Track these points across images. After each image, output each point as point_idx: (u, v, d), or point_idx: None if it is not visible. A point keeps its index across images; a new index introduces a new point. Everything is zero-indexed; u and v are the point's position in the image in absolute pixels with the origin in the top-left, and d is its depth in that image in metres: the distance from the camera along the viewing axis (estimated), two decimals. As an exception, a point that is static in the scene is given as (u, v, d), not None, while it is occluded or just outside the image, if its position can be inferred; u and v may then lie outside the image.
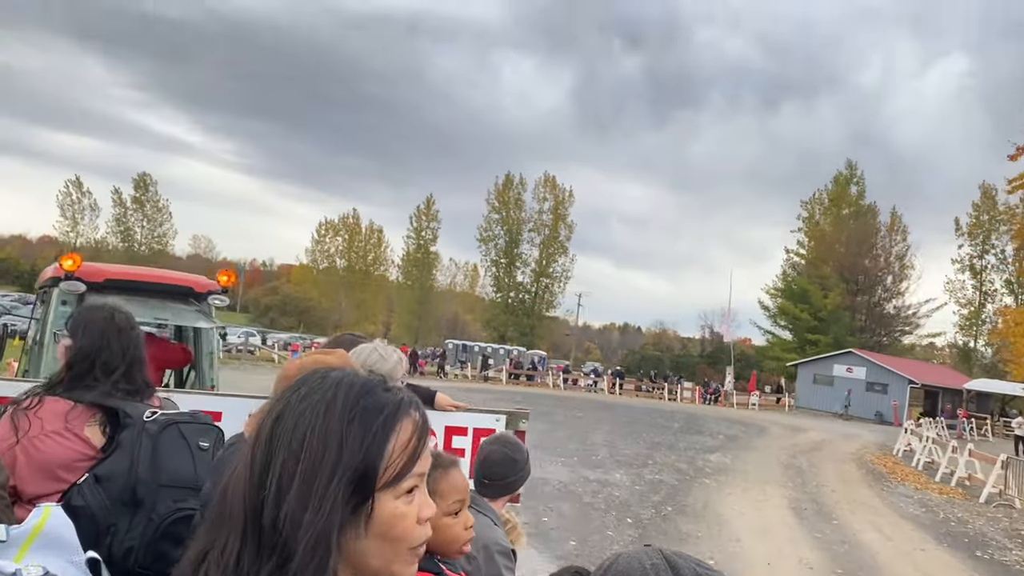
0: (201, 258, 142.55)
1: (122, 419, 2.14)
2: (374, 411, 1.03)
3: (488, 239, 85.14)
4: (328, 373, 1.09)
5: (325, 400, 1.02)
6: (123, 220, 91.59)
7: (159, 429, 2.10)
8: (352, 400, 1.03)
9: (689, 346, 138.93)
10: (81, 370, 2.24)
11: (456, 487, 2.05)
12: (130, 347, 2.30)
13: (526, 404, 30.93)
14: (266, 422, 1.05)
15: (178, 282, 6.36)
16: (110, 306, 2.41)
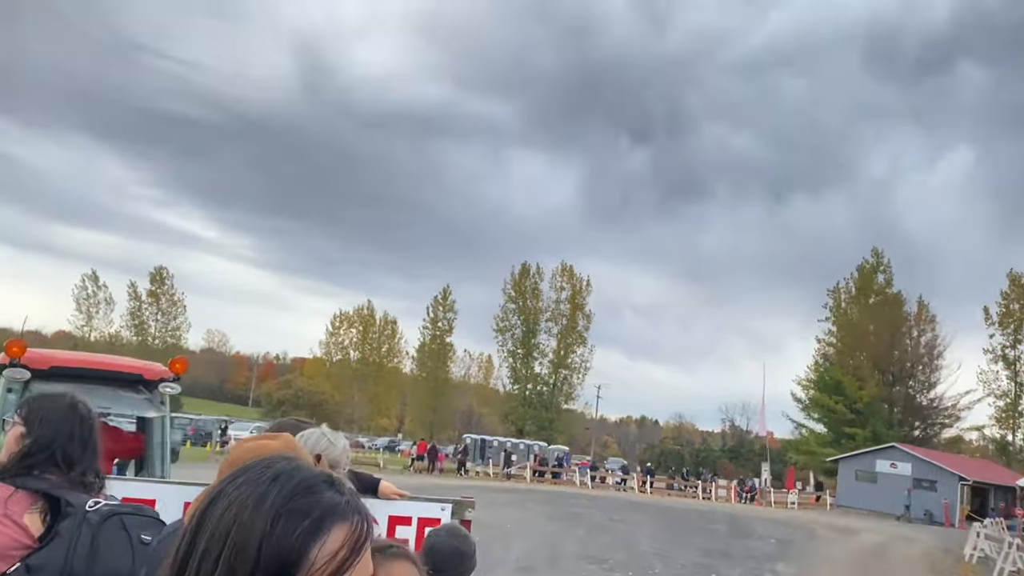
0: (215, 352, 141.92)
1: (63, 508, 2.07)
2: (302, 513, 0.95)
3: (504, 329, 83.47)
4: (273, 463, 1.01)
5: (258, 493, 0.96)
6: (137, 314, 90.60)
7: (100, 520, 2.01)
8: (284, 497, 0.96)
9: (709, 440, 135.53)
10: (37, 461, 2.15)
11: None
12: (91, 438, 2.24)
13: (556, 505, 28.61)
14: (200, 507, 1.00)
15: (127, 369, 6.15)
16: (70, 395, 2.36)
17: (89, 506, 2.05)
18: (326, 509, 0.95)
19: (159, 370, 6.21)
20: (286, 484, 0.96)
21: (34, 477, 2.14)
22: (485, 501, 25.78)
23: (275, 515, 0.93)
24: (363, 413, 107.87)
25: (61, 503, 2.08)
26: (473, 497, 4.98)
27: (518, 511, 24.21)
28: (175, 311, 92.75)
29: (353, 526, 0.97)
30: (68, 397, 2.32)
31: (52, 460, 2.16)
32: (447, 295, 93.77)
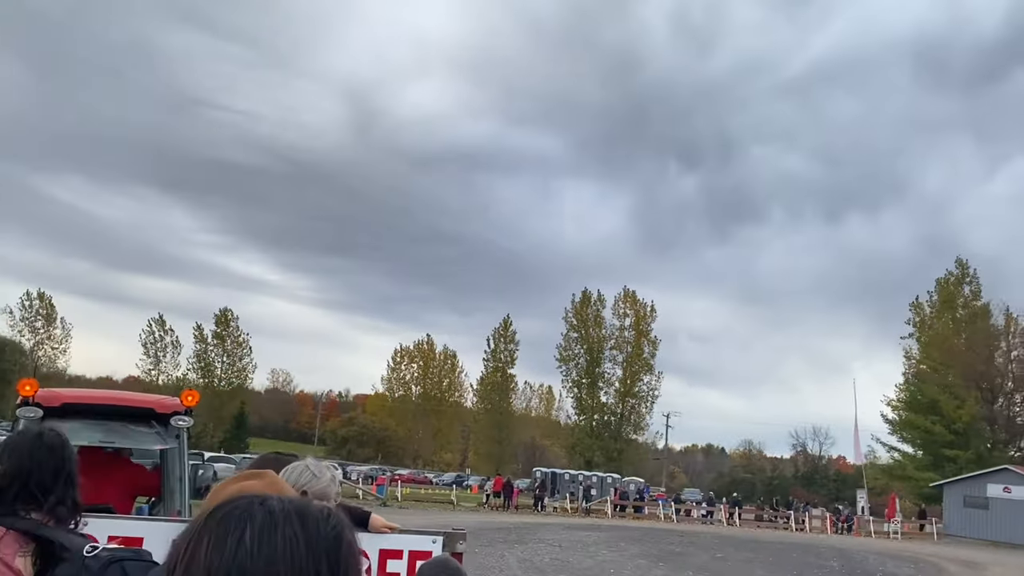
0: (279, 391, 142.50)
1: (59, 552, 2.04)
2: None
3: (568, 359, 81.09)
4: (252, 502, 0.98)
5: (237, 532, 0.94)
6: (204, 356, 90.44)
7: (101, 567, 1.92)
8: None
9: (780, 466, 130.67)
10: (11, 493, 2.14)
11: None
12: (64, 466, 2.21)
13: (650, 543, 26.19)
14: (179, 544, 0.97)
15: (138, 404, 6.24)
16: (40, 427, 2.38)
17: (87, 551, 1.95)
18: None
19: (171, 403, 6.15)
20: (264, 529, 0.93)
21: (19, 517, 2.11)
22: (573, 542, 23.49)
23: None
24: (427, 448, 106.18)
25: (56, 547, 2.03)
26: (464, 531, 4.83)
27: (613, 553, 21.96)
28: (240, 352, 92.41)
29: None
30: (36, 428, 2.33)
31: (27, 492, 2.13)
32: (507, 326, 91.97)
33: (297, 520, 0.94)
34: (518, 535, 24.84)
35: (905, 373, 60.82)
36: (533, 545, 22.07)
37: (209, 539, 0.92)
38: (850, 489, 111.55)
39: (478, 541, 22.04)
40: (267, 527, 0.92)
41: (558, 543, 23.24)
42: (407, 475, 60.43)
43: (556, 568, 17.57)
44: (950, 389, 51.32)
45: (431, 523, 27.78)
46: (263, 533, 0.92)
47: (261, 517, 0.93)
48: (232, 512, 0.95)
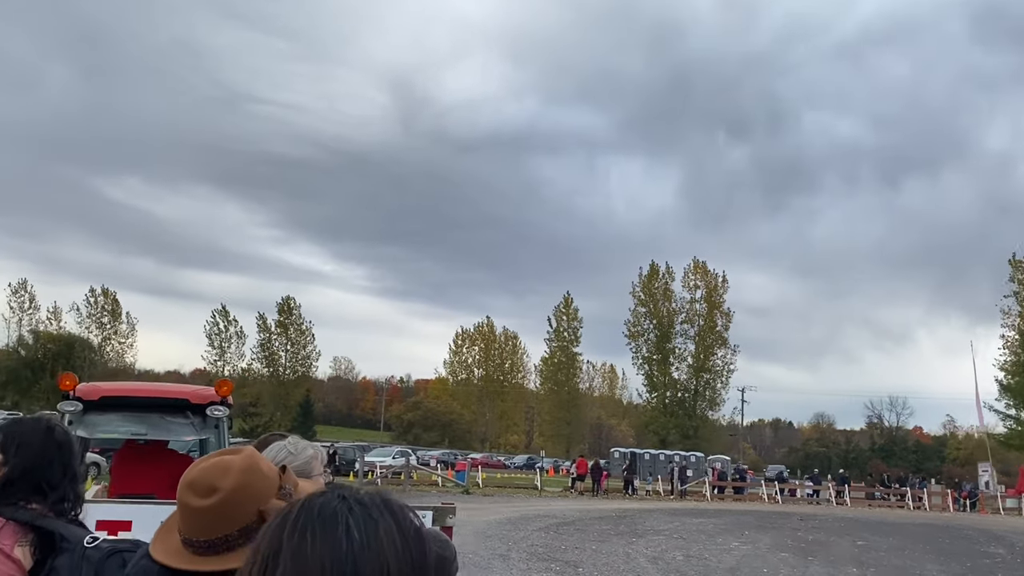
0: (342, 379, 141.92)
1: (59, 542, 1.99)
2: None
3: (637, 335, 77.51)
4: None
5: (342, 525, 0.93)
6: (268, 345, 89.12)
7: (102, 557, 1.90)
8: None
9: (854, 439, 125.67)
10: (18, 488, 2.08)
11: None
12: (70, 463, 2.18)
13: (774, 529, 22.91)
14: (273, 537, 0.93)
15: (173, 395, 6.29)
16: (47, 418, 2.33)
17: (87, 542, 1.95)
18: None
19: (205, 394, 6.16)
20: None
21: (19, 508, 2.06)
22: (692, 531, 20.14)
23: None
24: (494, 431, 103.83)
25: (55, 537, 2.00)
26: (453, 505, 5.02)
27: (744, 544, 18.76)
28: (303, 340, 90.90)
29: None
30: (45, 421, 2.28)
31: (33, 487, 2.09)
32: (569, 304, 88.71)
33: (387, 511, 0.94)
34: (628, 525, 21.76)
35: (1014, 334, 55.86)
36: (651, 538, 18.98)
37: (313, 533, 0.90)
38: (931, 460, 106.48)
39: (588, 534, 19.05)
40: (367, 519, 0.91)
41: (677, 533, 20.12)
42: (480, 459, 57.80)
43: (699, 569, 14.48)
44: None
45: (523, 512, 25.00)
46: (367, 525, 0.90)
47: (358, 510, 0.92)
48: (329, 505, 0.93)
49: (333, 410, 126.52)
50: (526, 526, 20.19)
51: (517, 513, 23.99)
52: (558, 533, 18.89)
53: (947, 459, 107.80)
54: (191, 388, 6.62)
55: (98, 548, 1.92)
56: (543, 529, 19.62)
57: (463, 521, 21.48)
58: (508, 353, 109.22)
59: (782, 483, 35.62)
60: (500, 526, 19.95)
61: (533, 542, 16.92)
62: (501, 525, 20.25)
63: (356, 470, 39.34)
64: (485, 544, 16.15)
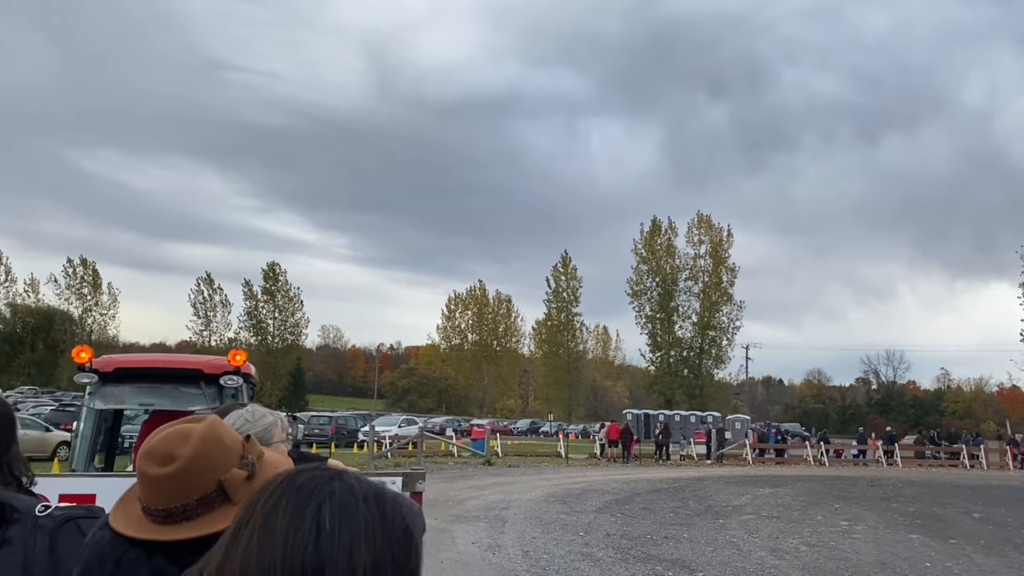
0: (331, 348, 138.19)
1: (9, 514, 1.87)
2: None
3: (639, 293, 74.10)
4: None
5: (315, 506, 0.89)
6: (255, 313, 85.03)
7: (55, 526, 1.81)
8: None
9: (847, 394, 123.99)
10: None
11: None
12: (13, 431, 2.04)
13: (860, 500, 19.52)
14: (251, 506, 0.90)
15: (187, 365, 6.29)
16: None
17: (39, 511, 1.84)
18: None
19: (219, 364, 6.11)
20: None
21: None
22: (772, 504, 15.65)
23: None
24: (491, 395, 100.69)
25: (5, 508, 1.87)
26: (423, 470, 5.30)
27: (850, 521, 15.32)
28: (292, 307, 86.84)
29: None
30: None
31: None
32: (567, 263, 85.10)
33: (375, 502, 0.88)
34: (696, 499, 18.23)
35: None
36: (738, 518, 15.45)
37: (286, 509, 0.86)
38: (929, 415, 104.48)
39: (660, 515, 15.46)
40: (348, 507, 0.86)
41: (763, 510, 16.64)
42: (487, 424, 54.33)
43: (843, 564, 10.97)
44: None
45: (564, 486, 21.46)
46: (344, 513, 0.85)
47: (341, 494, 0.87)
48: (311, 483, 0.88)
49: (323, 379, 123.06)
50: (581, 505, 16.67)
51: (558, 487, 20.49)
52: (625, 515, 15.37)
53: (945, 412, 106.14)
54: (204, 358, 6.55)
55: (51, 516, 1.81)
56: (604, 509, 16.09)
57: (503, 500, 17.94)
58: (502, 317, 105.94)
59: (827, 444, 32.37)
60: (550, 506, 16.43)
61: (607, 530, 13.37)
62: (550, 504, 16.74)
63: (361, 440, 35.80)
64: (551, 535, 12.59)
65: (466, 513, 15.00)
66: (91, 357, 5.67)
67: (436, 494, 17.99)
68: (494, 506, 16.21)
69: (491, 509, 15.74)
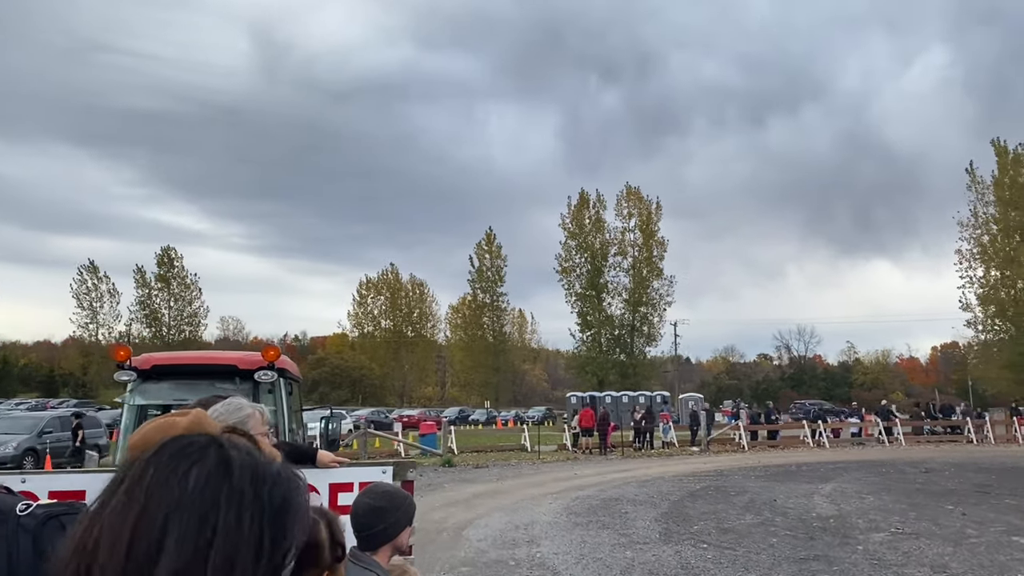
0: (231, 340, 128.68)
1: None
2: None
3: (568, 270, 69.58)
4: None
5: (183, 469, 0.87)
6: (148, 303, 76.41)
7: (38, 524, 1.71)
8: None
9: (753, 371, 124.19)
10: None
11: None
12: None
13: (906, 487, 15.19)
14: (124, 466, 0.89)
15: (221, 361, 6.35)
16: None
17: (20, 509, 1.75)
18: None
19: (253, 359, 6.09)
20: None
21: None
22: (879, 512, 12.11)
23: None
24: (409, 383, 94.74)
25: None
26: (413, 460, 4.57)
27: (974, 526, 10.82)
28: (189, 296, 78.56)
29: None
30: None
31: None
32: (492, 240, 79.90)
33: (250, 470, 0.84)
34: (764, 506, 13.42)
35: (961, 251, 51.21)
36: (873, 537, 10.71)
37: (155, 470, 0.83)
38: (839, 387, 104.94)
39: (752, 541, 10.56)
40: (217, 473, 0.83)
41: (878, 521, 11.96)
42: (416, 416, 48.75)
43: None
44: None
45: (565, 491, 16.39)
46: (211, 478, 0.83)
47: (214, 461, 0.84)
48: (186, 448, 0.86)
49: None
50: (630, 528, 11.60)
51: (566, 496, 15.38)
52: (713, 545, 10.38)
53: (854, 384, 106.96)
54: (239, 355, 6.51)
55: (32, 515, 1.71)
56: (669, 536, 11.03)
57: (514, 527, 11.17)
58: (416, 302, 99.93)
59: (824, 423, 28.36)
60: (591, 534, 11.26)
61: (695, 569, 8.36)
62: (588, 530, 11.57)
63: (280, 442, 29.69)
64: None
65: (482, 561, 9.64)
66: (129, 355, 5.79)
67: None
68: (512, 540, 10.93)
69: (512, 546, 10.48)
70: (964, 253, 55.03)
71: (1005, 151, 53.00)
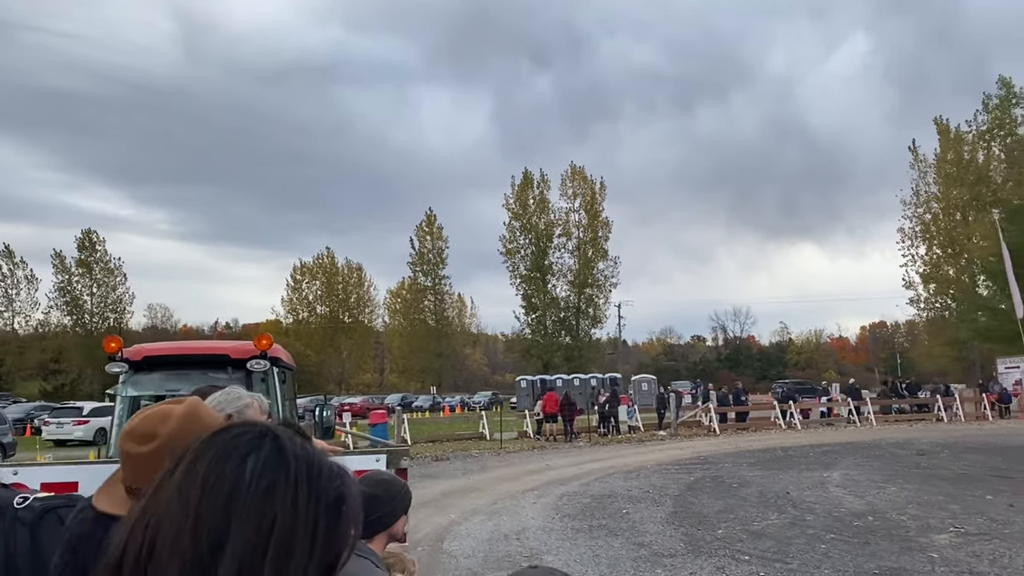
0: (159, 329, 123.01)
1: None
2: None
3: (512, 251, 67.73)
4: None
5: (238, 458, 0.87)
6: (68, 289, 71.57)
7: (35, 518, 1.76)
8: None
9: (687, 352, 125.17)
10: None
11: None
12: None
13: (921, 472, 13.74)
14: (180, 453, 0.88)
15: (213, 351, 6.20)
16: None
17: (17, 503, 1.79)
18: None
19: (245, 348, 5.91)
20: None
21: None
22: (921, 506, 10.62)
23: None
24: (348, 370, 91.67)
25: None
26: (406, 447, 5.31)
27: None
28: (112, 281, 73.91)
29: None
30: None
31: None
32: (432, 222, 77.28)
33: (305, 464, 0.84)
34: (787, 503, 11.67)
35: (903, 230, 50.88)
36: (942, 540, 9.03)
37: (210, 457, 0.84)
38: (774, 367, 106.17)
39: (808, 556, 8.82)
40: (274, 463, 0.83)
41: (931, 523, 10.29)
42: (360, 404, 46.27)
43: None
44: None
45: (557, 491, 14.43)
46: (267, 468, 0.83)
47: (269, 451, 0.84)
48: (239, 438, 0.86)
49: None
50: (635, 532, 9.70)
51: (549, 493, 13.44)
52: (725, 550, 8.55)
53: (788, 364, 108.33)
54: (231, 344, 6.38)
55: (30, 508, 1.76)
56: (697, 548, 9.17)
57: (500, 533, 9.41)
58: (353, 286, 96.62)
59: (795, 403, 27.08)
60: (586, 541, 9.35)
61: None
62: (583, 537, 9.66)
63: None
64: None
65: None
66: (121, 347, 5.71)
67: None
68: (508, 556, 9.14)
69: (509, 564, 8.50)
70: (906, 231, 54.98)
71: (947, 130, 52.89)
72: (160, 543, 0.78)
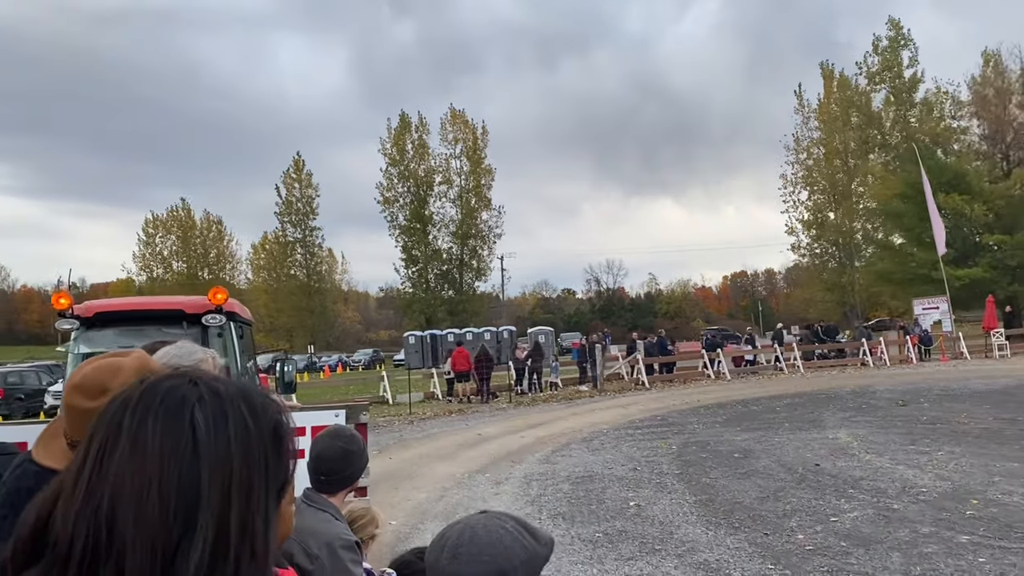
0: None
1: None
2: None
3: (391, 200, 63.24)
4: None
5: (187, 413, 0.84)
6: None
7: None
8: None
9: (565, 305, 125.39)
10: None
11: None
12: None
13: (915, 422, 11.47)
14: (112, 419, 0.82)
15: (167, 307, 6.08)
16: None
17: None
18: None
19: (199, 303, 5.89)
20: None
21: None
22: (952, 472, 8.02)
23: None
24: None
25: None
26: (366, 403, 4.51)
27: None
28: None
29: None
30: None
31: None
32: (300, 168, 71.23)
33: (244, 402, 0.83)
34: (809, 473, 8.85)
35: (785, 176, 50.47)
36: None
37: (155, 418, 0.79)
38: (645, 317, 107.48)
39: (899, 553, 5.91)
40: (219, 410, 0.81)
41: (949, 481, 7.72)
42: (228, 366, 41.19)
43: None
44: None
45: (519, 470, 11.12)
46: (218, 415, 0.81)
47: (210, 397, 0.82)
48: (175, 390, 0.82)
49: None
50: (671, 539, 6.51)
51: (505, 477, 10.08)
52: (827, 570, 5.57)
53: (658, 314, 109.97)
54: (185, 299, 6.23)
55: None
56: (745, 547, 6.09)
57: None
58: (212, 241, 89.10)
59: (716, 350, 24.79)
60: (604, 554, 6.10)
61: None
62: (601, 550, 6.34)
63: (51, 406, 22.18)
64: None
65: None
66: (71, 303, 5.53)
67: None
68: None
69: None
70: (789, 178, 54.58)
71: (831, 74, 52.44)
72: (120, 525, 0.73)
